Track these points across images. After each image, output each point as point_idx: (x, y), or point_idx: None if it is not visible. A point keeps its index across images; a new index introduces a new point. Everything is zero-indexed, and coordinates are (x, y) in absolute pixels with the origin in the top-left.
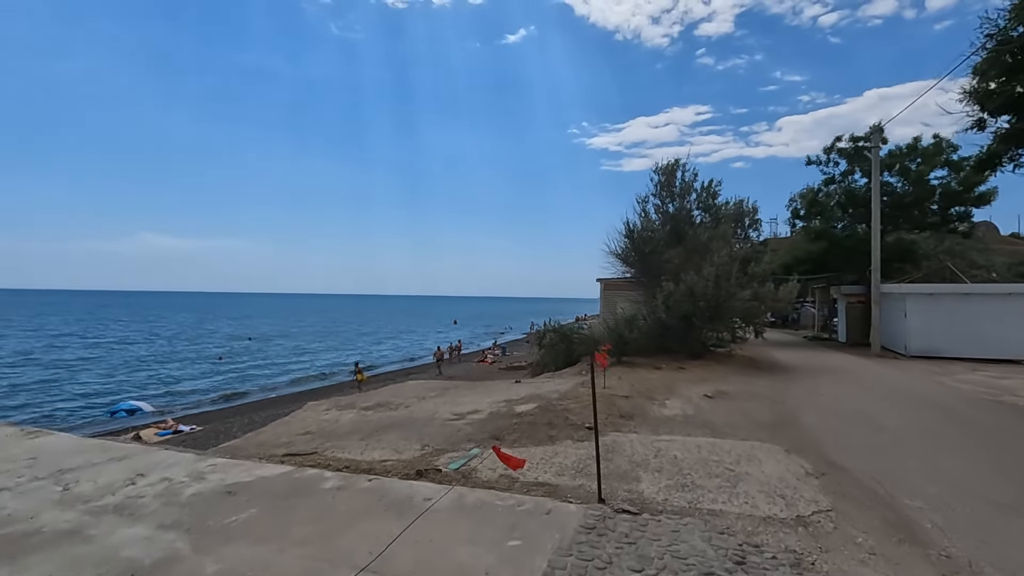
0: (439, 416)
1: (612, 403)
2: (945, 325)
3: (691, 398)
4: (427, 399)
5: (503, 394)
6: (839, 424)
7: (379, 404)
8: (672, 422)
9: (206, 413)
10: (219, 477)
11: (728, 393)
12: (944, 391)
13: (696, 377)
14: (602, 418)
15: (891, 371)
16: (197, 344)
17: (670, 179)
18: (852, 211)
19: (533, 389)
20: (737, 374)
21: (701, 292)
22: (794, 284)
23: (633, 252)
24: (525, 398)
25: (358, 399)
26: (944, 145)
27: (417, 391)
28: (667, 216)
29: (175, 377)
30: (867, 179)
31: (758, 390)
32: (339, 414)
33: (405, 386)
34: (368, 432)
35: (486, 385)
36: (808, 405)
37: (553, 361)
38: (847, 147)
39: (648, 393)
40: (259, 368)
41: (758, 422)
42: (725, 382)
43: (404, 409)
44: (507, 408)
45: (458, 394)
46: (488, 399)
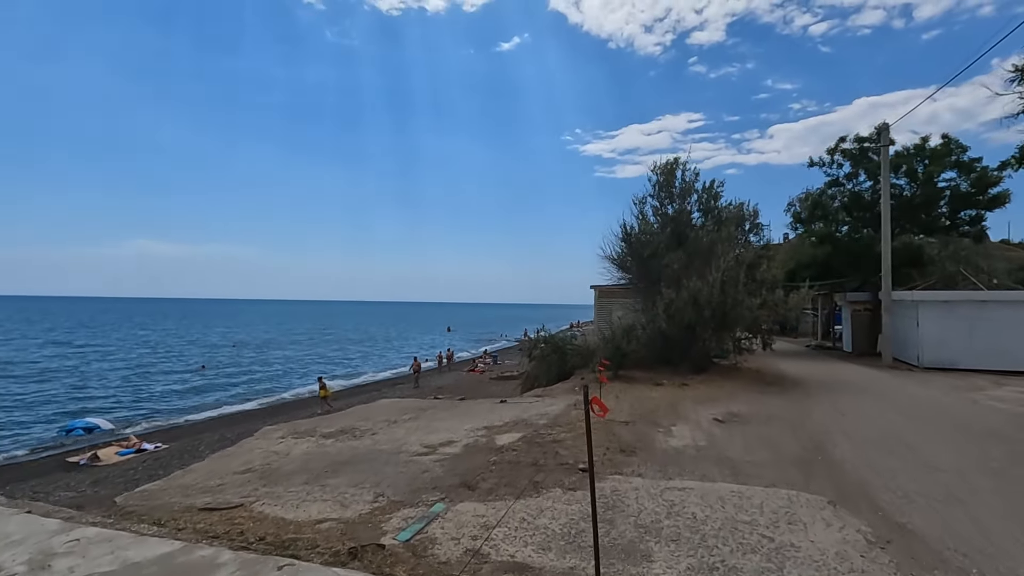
0: (406, 448)
1: (610, 431)
2: (961, 335)
3: (700, 423)
4: (398, 423)
5: (484, 418)
6: (880, 458)
7: (342, 430)
8: (683, 457)
9: (177, 428)
10: (69, 566)
11: (741, 415)
12: (982, 412)
13: (702, 395)
14: (601, 451)
15: (911, 385)
16: (181, 352)
17: (669, 179)
18: (857, 214)
19: (519, 412)
20: (746, 391)
21: (706, 300)
22: (806, 291)
23: (630, 257)
24: (509, 424)
25: (320, 423)
26: (953, 146)
27: (389, 412)
28: (666, 218)
29: (151, 389)
30: (871, 181)
31: (773, 411)
32: (293, 443)
33: (377, 405)
34: (317, 472)
35: (467, 406)
36: (835, 430)
37: (544, 374)
38: (851, 148)
39: (651, 417)
40: (241, 378)
41: (784, 456)
42: (735, 401)
43: (369, 437)
44: (487, 438)
45: (434, 417)
46: (467, 425)
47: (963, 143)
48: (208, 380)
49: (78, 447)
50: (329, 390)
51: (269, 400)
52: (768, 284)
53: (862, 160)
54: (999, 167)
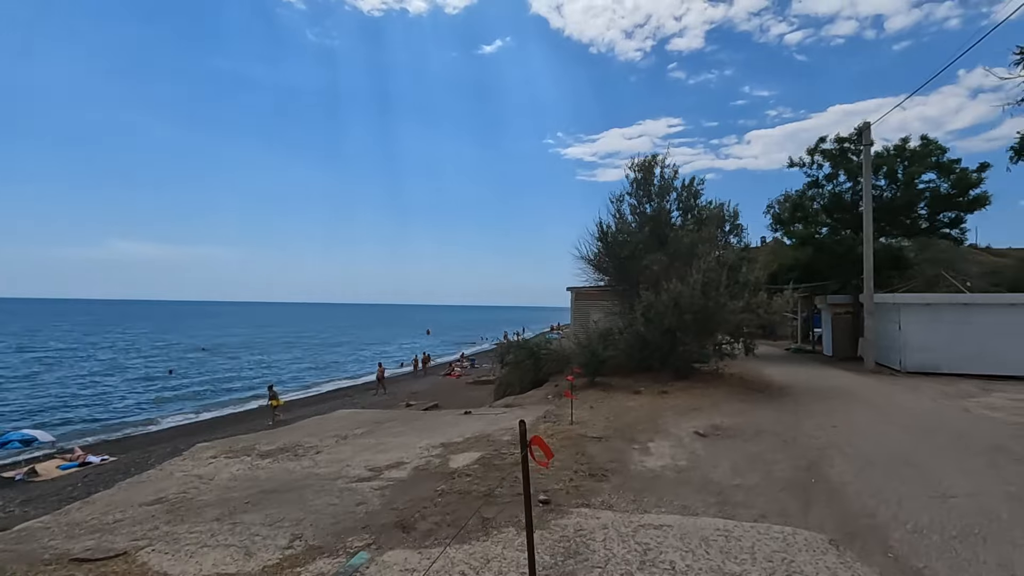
0: (347, 472)
1: (581, 449)
2: (944, 338)
3: (681, 437)
4: (348, 439)
5: (443, 433)
6: (882, 481)
7: (284, 448)
8: (661, 482)
9: (130, 439)
10: None
11: (725, 429)
12: (978, 422)
13: (683, 404)
14: (568, 476)
15: (898, 392)
16: (151, 357)
17: (647, 177)
18: (837, 215)
19: (483, 425)
20: (730, 399)
21: (687, 302)
22: (790, 294)
23: (607, 257)
24: (470, 441)
25: (262, 439)
26: (932, 147)
27: (342, 426)
28: (645, 218)
29: (112, 395)
30: (851, 182)
31: (760, 422)
32: (223, 465)
33: (332, 417)
34: (236, 504)
35: (430, 418)
36: (828, 446)
37: (518, 381)
38: (831, 148)
39: (627, 431)
40: (208, 385)
41: (775, 478)
42: (718, 411)
43: (311, 457)
44: (440, 459)
45: (390, 431)
46: (422, 442)
47: (942, 144)
48: (174, 386)
49: (21, 459)
50: (280, 400)
51: (233, 409)
52: (751, 286)
53: (842, 161)
54: (978, 168)
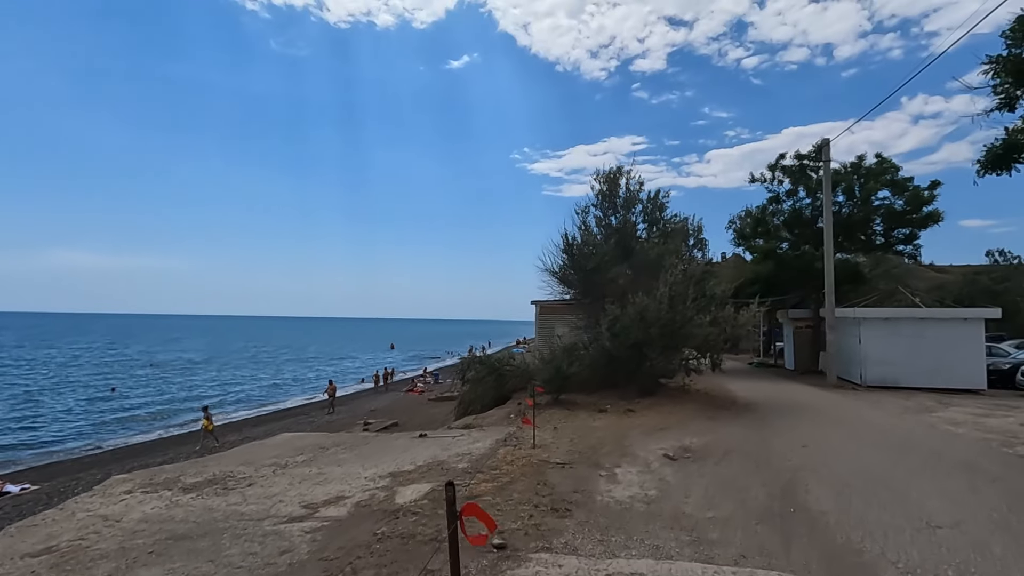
0: (278, 510)
1: (543, 478)
2: (901, 352)
3: (649, 461)
4: (287, 468)
5: (394, 459)
6: (863, 509)
7: (212, 480)
8: (630, 515)
9: (57, 464)
10: None
11: (694, 450)
12: (945, 439)
13: (650, 423)
14: (527, 511)
15: (862, 407)
16: (96, 373)
17: (613, 189)
18: (797, 231)
19: (438, 450)
20: (698, 416)
21: (653, 316)
22: (755, 308)
23: (572, 270)
24: (421, 470)
25: (190, 469)
26: (886, 165)
27: (283, 452)
28: (610, 229)
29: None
30: (811, 198)
31: (729, 442)
32: (137, 502)
33: (273, 442)
34: (136, 556)
35: (381, 442)
36: (802, 467)
37: (480, 398)
38: (791, 165)
39: (592, 454)
40: (153, 405)
41: (752, 508)
42: (687, 431)
43: (241, 491)
44: (387, 493)
45: (334, 459)
46: (369, 471)
47: (895, 163)
48: (116, 406)
49: None
50: (212, 423)
51: (178, 431)
52: (717, 300)
53: (802, 177)
54: (930, 186)
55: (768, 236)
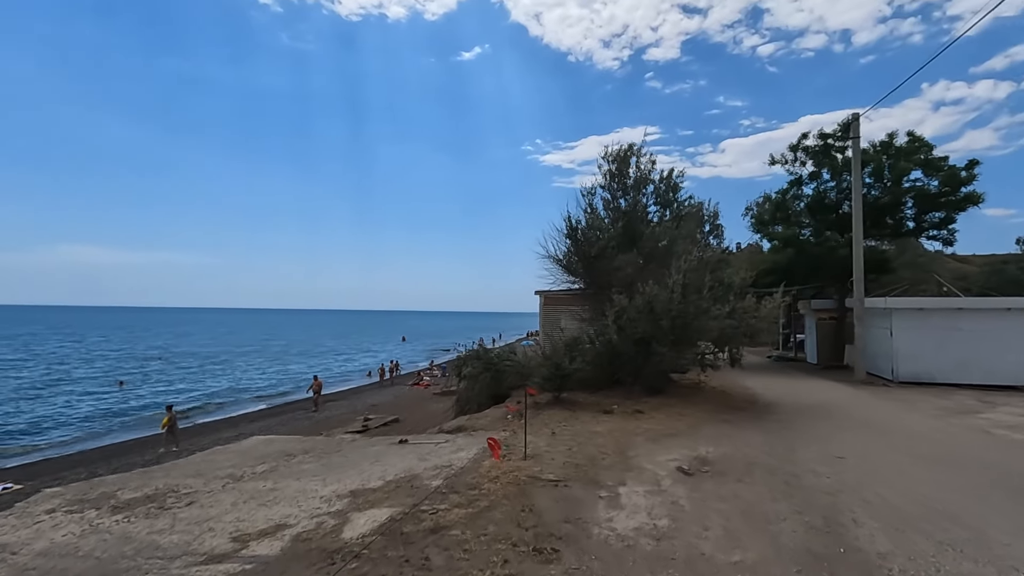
0: (200, 544)
1: (528, 502)
2: (936, 346)
3: (659, 479)
4: (241, 482)
5: (361, 473)
6: (939, 556)
7: (151, 496)
8: (633, 560)
9: (48, 462)
10: None
11: (711, 462)
12: (1005, 448)
13: (661, 428)
14: (503, 553)
15: (898, 408)
16: (109, 367)
17: (622, 168)
18: (820, 216)
19: (414, 460)
20: (712, 419)
21: (663, 308)
22: (779, 297)
23: (576, 257)
24: (389, 486)
25: (132, 481)
26: (920, 144)
27: (243, 460)
28: (618, 213)
29: (47, 410)
30: (835, 181)
31: (753, 452)
32: (51, 526)
33: (239, 447)
34: None
35: (354, 449)
36: (842, 489)
37: (476, 397)
38: (814, 145)
39: (592, 467)
40: (159, 398)
41: (786, 548)
42: (702, 436)
43: (175, 512)
44: (338, 520)
45: (297, 469)
46: (329, 487)
47: (928, 141)
48: (121, 400)
49: None
50: (175, 423)
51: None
52: (736, 289)
53: (826, 158)
54: (967, 166)
55: (788, 222)
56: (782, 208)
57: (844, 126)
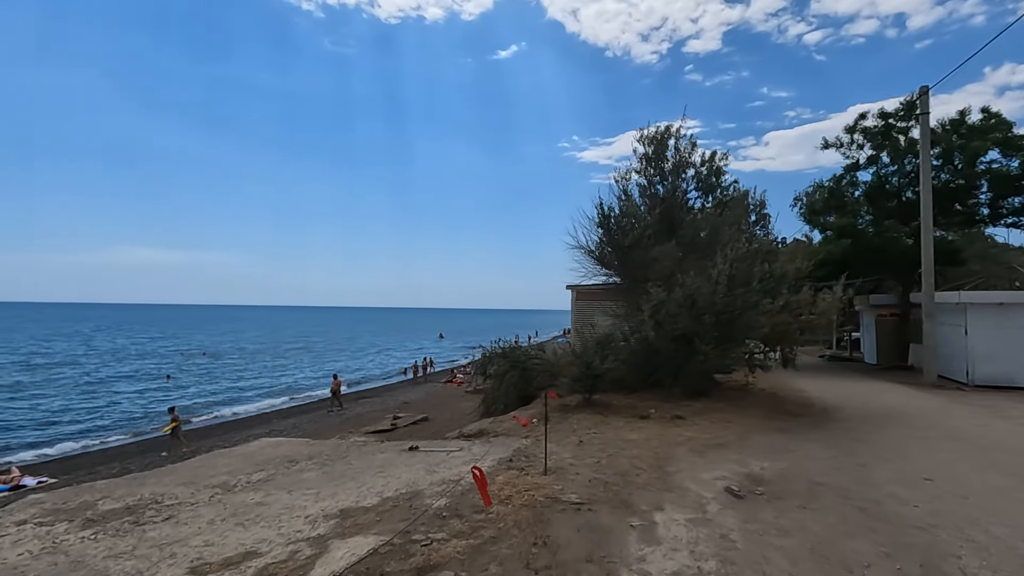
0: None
1: (543, 531)
2: (1020, 345)
3: (704, 504)
4: (231, 492)
5: (360, 486)
6: None
7: (131, 507)
8: None
9: (86, 455)
10: None
11: (768, 482)
12: None
13: (704, 436)
14: None
15: (983, 417)
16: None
17: (660, 151)
18: (880, 204)
19: (422, 472)
20: (765, 427)
21: (707, 301)
22: (840, 290)
23: (609, 247)
24: (385, 504)
25: (118, 489)
26: (997, 121)
27: (243, 464)
28: (656, 199)
29: (91, 404)
30: (896, 165)
31: (816, 468)
32: (12, 541)
33: (242, 450)
34: None
35: (361, 457)
36: (937, 522)
37: (502, 397)
38: (874, 126)
39: (623, 486)
40: (200, 392)
41: None
42: (751, 447)
43: (145, 529)
44: (314, 550)
45: (293, 480)
46: (318, 504)
47: (1007, 118)
48: (166, 393)
49: None
50: (179, 423)
51: (209, 421)
52: (790, 281)
53: (887, 140)
54: None
55: (844, 211)
56: (836, 195)
57: (907, 104)
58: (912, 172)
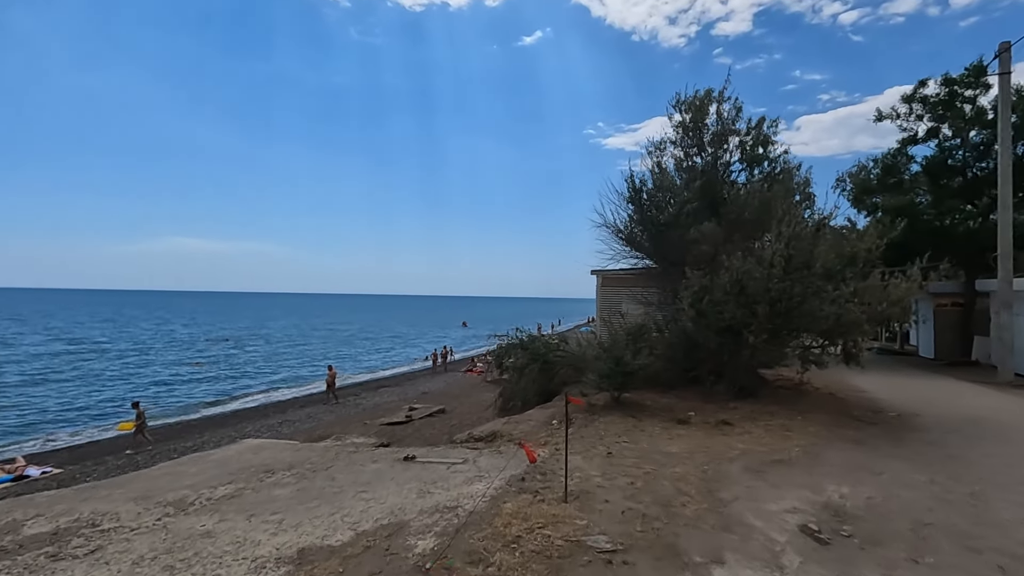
0: None
1: None
2: None
3: (776, 551)
4: (181, 515)
5: (332, 515)
6: None
7: (57, 533)
8: None
9: (93, 444)
10: None
11: (854, 518)
12: None
13: (762, 449)
14: None
15: None
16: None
17: (699, 118)
18: (942, 181)
19: (412, 495)
20: (835, 438)
21: (759, 287)
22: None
23: (641, 227)
24: (350, 549)
25: (55, 505)
26: None
27: (213, 474)
28: (694, 172)
29: (118, 389)
30: (960, 138)
31: (914, 501)
32: None
33: (218, 455)
34: None
35: (348, 470)
36: None
37: (521, 392)
38: (935, 94)
39: (665, 525)
40: (227, 377)
41: None
42: (824, 466)
43: (52, 569)
44: None
45: (264, 495)
46: (277, 539)
47: None
48: (194, 378)
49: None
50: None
51: (222, 411)
52: (860, 263)
53: (949, 111)
54: None
55: (900, 189)
56: (893, 172)
57: (975, 69)
58: (981, 145)
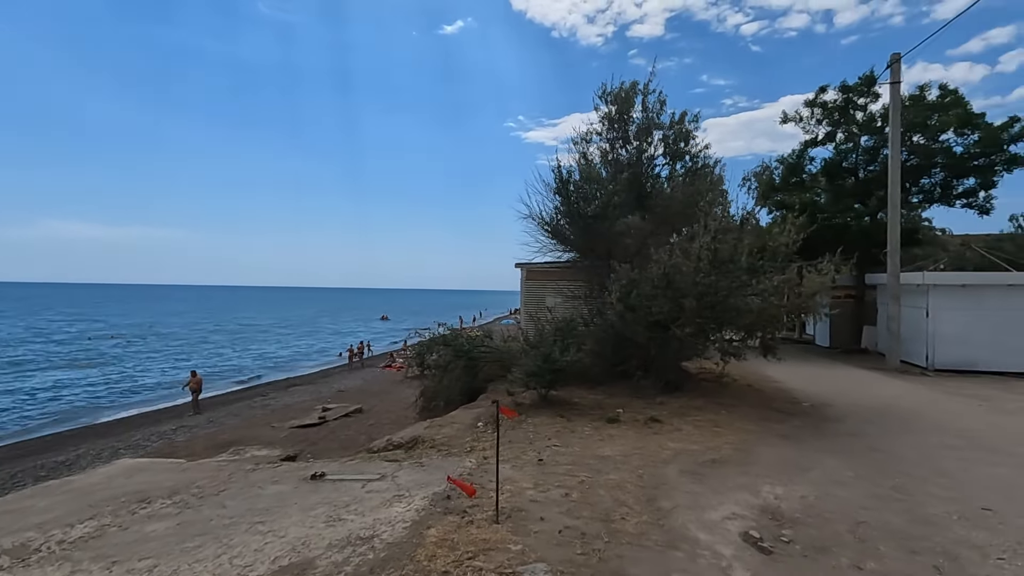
0: None
1: None
2: (984, 329)
3: (723, 567)
4: (19, 567)
5: (216, 558)
6: None
7: None
8: None
9: None
10: None
11: (794, 521)
12: None
13: (695, 448)
14: None
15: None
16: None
17: (625, 110)
18: (838, 181)
19: (319, 523)
20: (764, 433)
21: (688, 281)
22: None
23: (568, 218)
24: None
25: None
26: (955, 99)
27: (64, 511)
28: (619, 166)
29: None
30: (852, 143)
31: (849, 499)
32: None
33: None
34: None
35: (243, 492)
36: None
37: (444, 391)
38: (833, 100)
39: (607, 544)
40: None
41: None
42: (758, 464)
43: None
44: None
45: (128, 537)
46: None
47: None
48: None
49: None
50: None
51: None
52: (779, 258)
53: (843, 117)
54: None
55: (803, 188)
56: (796, 172)
57: (866, 79)
58: (871, 148)
